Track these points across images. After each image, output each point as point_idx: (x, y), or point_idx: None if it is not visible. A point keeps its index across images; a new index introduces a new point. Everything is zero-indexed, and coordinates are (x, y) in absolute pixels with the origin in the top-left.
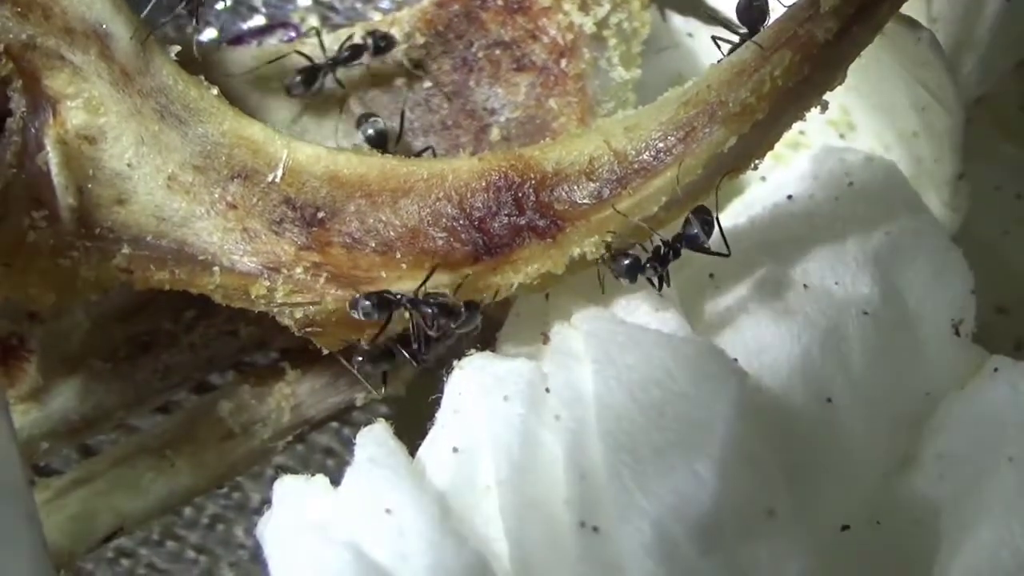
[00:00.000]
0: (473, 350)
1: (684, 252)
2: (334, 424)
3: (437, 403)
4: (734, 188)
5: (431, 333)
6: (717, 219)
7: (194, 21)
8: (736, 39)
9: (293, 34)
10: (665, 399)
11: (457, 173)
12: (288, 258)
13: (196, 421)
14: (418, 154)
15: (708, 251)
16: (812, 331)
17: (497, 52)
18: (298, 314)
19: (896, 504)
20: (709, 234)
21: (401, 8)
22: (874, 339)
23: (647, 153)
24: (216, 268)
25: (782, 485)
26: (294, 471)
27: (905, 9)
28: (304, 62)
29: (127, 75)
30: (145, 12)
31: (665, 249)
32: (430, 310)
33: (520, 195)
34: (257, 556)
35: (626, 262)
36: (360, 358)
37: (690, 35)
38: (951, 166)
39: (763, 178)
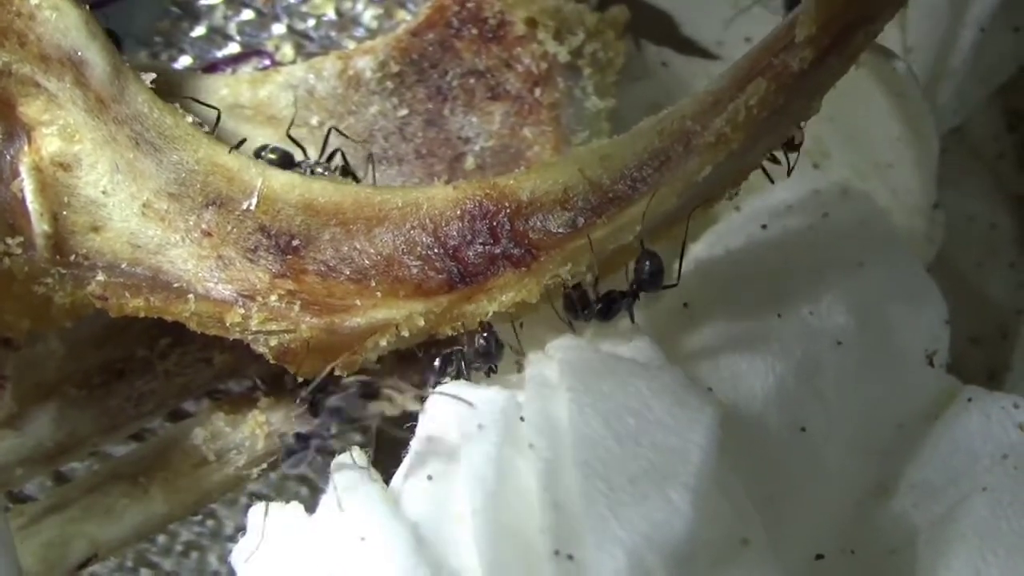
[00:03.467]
0: (447, 378)
1: None
2: None
3: (412, 431)
4: (708, 218)
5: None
6: (682, 251)
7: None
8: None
9: (267, 62)
10: (640, 427)
11: (432, 202)
12: (263, 286)
13: (170, 448)
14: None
15: (660, 288)
16: (787, 361)
17: (472, 81)
18: (272, 342)
19: (870, 533)
20: (659, 279)
21: (376, 36)
22: (848, 369)
23: (622, 183)
24: (191, 295)
25: (756, 514)
26: (269, 498)
27: (881, 39)
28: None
29: (102, 102)
30: None
31: (613, 301)
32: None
33: (495, 224)
34: None
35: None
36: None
37: (664, 64)
38: (926, 196)
39: (737, 208)
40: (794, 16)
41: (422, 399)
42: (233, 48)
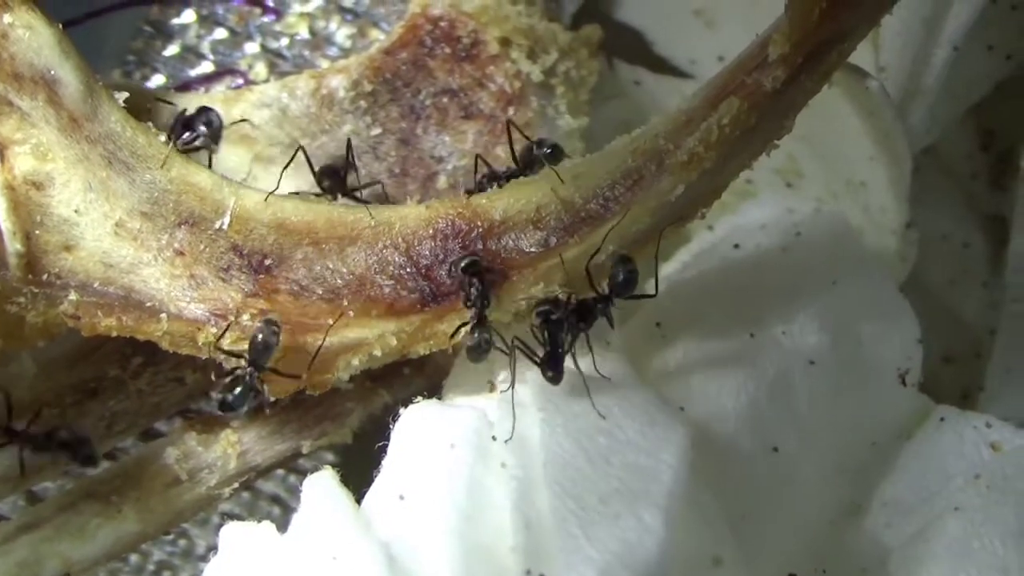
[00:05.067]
0: (420, 398)
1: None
2: (280, 471)
3: (383, 450)
4: (681, 236)
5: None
6: (656, 265)
7: None
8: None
9: (241, 81)
10: (611, 447)
11: (404, 221)
12: (235, 305)
13: (143, 467)
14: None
15: (635, 296)
16: (759, 380)
17: (445, 100)
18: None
19: (842, 552)
20: (633, 283)
21: (349, 55)
22: (821, 388)
23: (595, 202)
24: (163, 315)
25: (728, 533)
26: (240, 518)
27: (853, 58)
28: None
29: (75, 121)
30: None
31: (588, 310)
32: None
33: (467, 243)
34: None
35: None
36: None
37: (637, 83)
38: (899, 215)
39: (710, 227)
40: (767, 35)
41: (394, 418)
42: (206, 67)
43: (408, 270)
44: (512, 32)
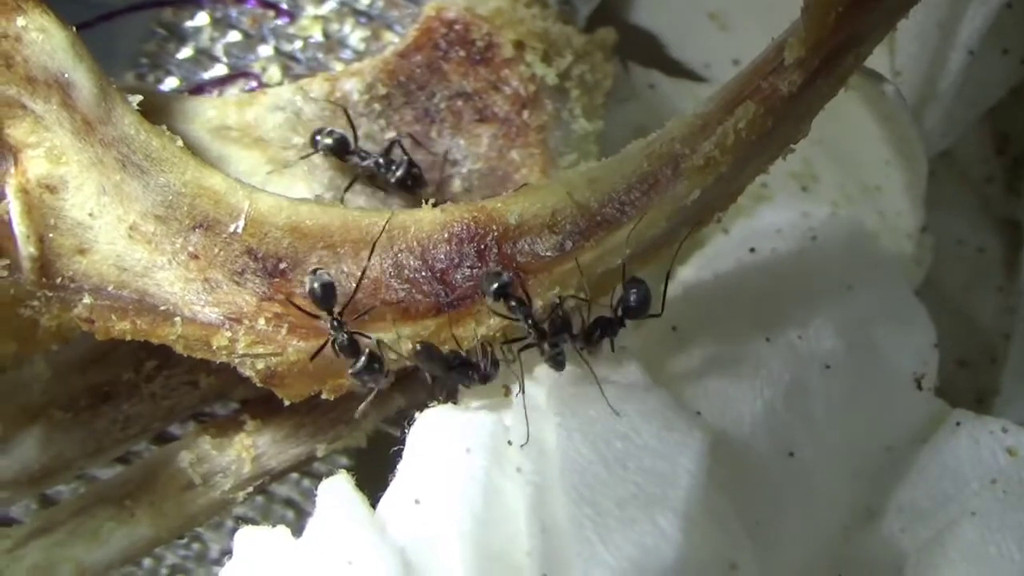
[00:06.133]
0: (435, 402)
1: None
2: (295, 475)
3: (398, 455)
4: (696, 241)
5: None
6: (667, 277)
7: None
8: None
9: (255, 84)
10: (628, 452)
11: (419, 224)
12: (250, 309)
13: (156, 471)
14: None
15: (646, 316)
16: (775, 385)
17: (459, 103)
18: (259, 365)
19: (858, 557)
20: (645, 307)
21: (363, 58)
22: (836, 393)
23: (610, 206)
24: (177, 318)
25: (745, 538)
26: (254, 522)
27: (869, 62)
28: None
29: (89, 124)
30: None
31: (599, 327)
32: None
33: (483, 247)
34: None
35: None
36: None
37: (652, 86)
38: (914, 219)
39: (725, 231)
40: (783, 39)
41: (409, 422)
42: (220, 70)
43: (423, 274)
44: (527, 35)
